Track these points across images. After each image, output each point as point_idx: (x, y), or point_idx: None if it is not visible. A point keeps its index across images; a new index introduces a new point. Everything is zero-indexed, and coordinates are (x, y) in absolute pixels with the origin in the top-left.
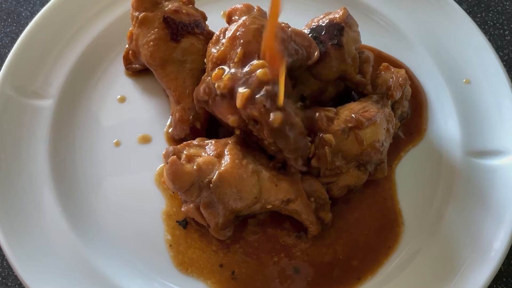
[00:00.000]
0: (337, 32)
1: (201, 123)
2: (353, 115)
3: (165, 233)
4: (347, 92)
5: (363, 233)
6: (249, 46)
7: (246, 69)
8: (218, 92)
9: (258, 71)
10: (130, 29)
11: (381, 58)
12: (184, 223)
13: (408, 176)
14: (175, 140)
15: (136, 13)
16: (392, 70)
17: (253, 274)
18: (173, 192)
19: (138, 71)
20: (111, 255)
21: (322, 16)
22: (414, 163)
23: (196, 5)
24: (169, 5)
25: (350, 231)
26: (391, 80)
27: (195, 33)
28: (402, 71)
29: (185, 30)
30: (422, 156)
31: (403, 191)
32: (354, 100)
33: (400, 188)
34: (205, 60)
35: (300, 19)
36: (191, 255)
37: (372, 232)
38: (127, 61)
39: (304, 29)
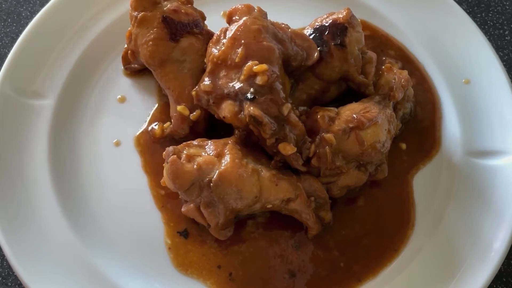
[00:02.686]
0: (340, 32)
1: (201, 123)
2: (354, 115)
3: (165, 237)
4: (349, 92)
5: (369, 236)
6: (250, 46)
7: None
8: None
9: (257, 78)
10: (129, 29)
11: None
12: (186, 234)
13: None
14: (175, 140)
15: (135, 13)
16: (395, 71)
17: (250, 276)
18: (163, 205)
19: (137, 71)
20: (111, 255)
21: (325, 16)
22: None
23: (196, 5)
24: (168, 5)
25: (356, 235)
26: (393, 81)
27: (194, 32)
28: (405, 73)
29: (184, 29)
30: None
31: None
32: (356, 101)
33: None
34: (205, 59)
35: (302, 19)
36: (191, 258)
37: (380, 235)
38: (126, 61)
39: (307, 28)
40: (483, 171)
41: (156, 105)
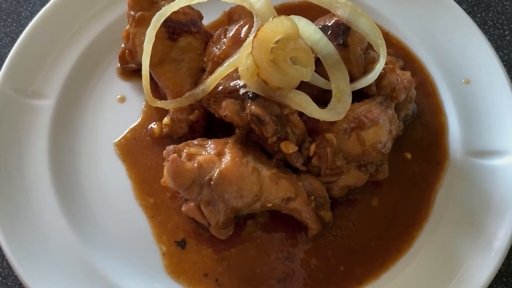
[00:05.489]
0: (342, 32)
1: (200, 122)
2: (356, 115)
3: (159, 245)
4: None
5: (377, 238)
6: None
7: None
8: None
9: None
10: (126, 28)
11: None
12: (183, 244)
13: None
14: (173, 139)
15: (133, 12)
16: (398, 72)
17: (239, 281)
18: (152, 216)
19: (134, 70)
20: (111, 255)
21: (328, 15)
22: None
23: (195, 5)
24: (166, 4)
25: (363, 237)
26: (396, 82)
27: (192, 32)
28: (407, 74)
29: (182, 29)
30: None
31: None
32: (358, 101)
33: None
34: (205, 59)
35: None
36: (184, 266)
37: (387, 237)
38: (124, 61)
39: None
40: (483, 171)
41: (144, 102)
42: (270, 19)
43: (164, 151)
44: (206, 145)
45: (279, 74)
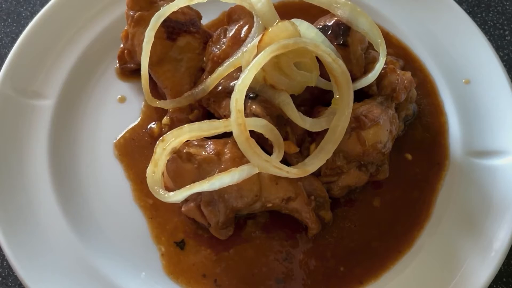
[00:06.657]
0: (343, 32)
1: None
2: (356, 115)
3: (158, 246)
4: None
5: (377, 238)
6: None
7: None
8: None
9: None
10: (125, 28)
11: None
12: (182, 244)
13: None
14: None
15: (132, 12)
16: (398, 72)
17: (237, 282)
18: (151, 217)
19: (134, 70)
20: (110, 255)
21: (328, 15)
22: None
23: (194, 5)
24: (165, 4)
25: (364, 237)
26: (396, 82)
27: (191, 31)
28: (408, 74)
29: (181, 29)
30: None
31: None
32: (359, 101)
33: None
34: (204, 58)
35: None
36: (182, 266)
37: (388, 237)
38: (122, 61)
39: None
40: (483, 171)
41: (143, 102)
42: (274, 24)
43: None
44: (206, 145)
45: (285, 78)
